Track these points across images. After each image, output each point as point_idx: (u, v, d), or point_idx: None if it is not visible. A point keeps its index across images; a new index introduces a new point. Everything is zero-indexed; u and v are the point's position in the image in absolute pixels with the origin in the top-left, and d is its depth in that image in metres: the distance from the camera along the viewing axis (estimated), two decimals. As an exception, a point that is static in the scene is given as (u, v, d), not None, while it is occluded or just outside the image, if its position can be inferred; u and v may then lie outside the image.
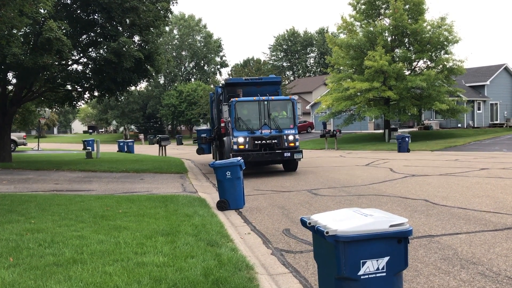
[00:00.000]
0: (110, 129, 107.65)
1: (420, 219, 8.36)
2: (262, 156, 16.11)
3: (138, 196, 11.30)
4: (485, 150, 25.32)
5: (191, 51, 79.80)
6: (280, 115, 16.81)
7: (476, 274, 5.39)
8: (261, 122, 16.34)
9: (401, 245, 3.61)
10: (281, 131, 16.31)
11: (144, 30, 19.27)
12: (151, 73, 22.00)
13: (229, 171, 10.02)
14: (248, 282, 4.99)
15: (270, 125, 16.30)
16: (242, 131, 16.16)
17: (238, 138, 16.06)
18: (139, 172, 17.73)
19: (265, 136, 16.14)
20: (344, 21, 37.29)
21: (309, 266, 5.92)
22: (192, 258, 5.75)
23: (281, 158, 16.32)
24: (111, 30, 18.63)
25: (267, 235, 7.74)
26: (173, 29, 78.38)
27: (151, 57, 20.11)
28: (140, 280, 4.93)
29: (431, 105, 33.92)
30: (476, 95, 46.48)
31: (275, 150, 16.20)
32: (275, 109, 16.65)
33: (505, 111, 49.68)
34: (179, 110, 67.88)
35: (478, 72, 49.33)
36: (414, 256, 6.10)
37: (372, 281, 3.56)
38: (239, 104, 16.35)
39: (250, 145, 16.03)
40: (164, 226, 7.54)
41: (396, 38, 35.90)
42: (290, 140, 16.35)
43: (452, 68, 34.33)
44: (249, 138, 16.07)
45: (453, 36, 34.13)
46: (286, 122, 16.67)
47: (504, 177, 13.46)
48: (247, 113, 16.54)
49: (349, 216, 3.84)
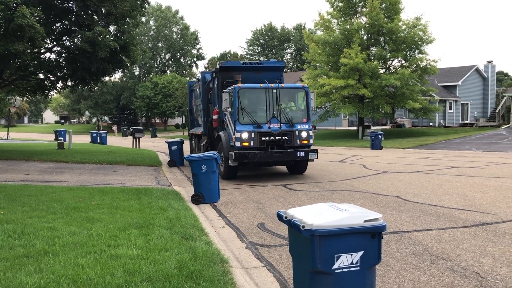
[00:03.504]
0: (83, 120, 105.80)
1: (392, 215, 8.52)
2: (271, 156, 13.14)
3: (112, 188, 11.15)
4: (455, 149, 25.92)
5: (167, 42, 78.92)
6: (291, 106, 14.30)
7: (445, 269, 5.53)
8: (269, 114, 13.46)
9: (375, 240, 3.69)
10: (292, 126, 13.51)
11: (120, 20, 18.95)
12: (126, 63, 21.65)
13: (204, 165, 9.99)
14: (222, 276, 5.00)
15: (280, 118, 13.43)
16: (246, 125, 13.20)
17: (242, 133, 13.02)
18: (112, 164, 17.50)
19: (274, 132, 13.27)
20: (322, 18, 37.49)
21: (283, 260, 5.97)
22: (166, 251, 5.72)
23: (294, 158, 13.44)
24: (86, 19, 18.25)
25: (242, 229, 7.76)
26: (149, 20, 77.30)
27: (127, 48, 19.79)
28: (114, 273, 4.88)
29: (404, 104, 34.51)
30: (448, 95, 47.47)
31: (285, 148, 13.39)
32: (285, 99, 14.00)
33: (475, 111, 50.94)
34: (154, 102, 67.16)
35: (450, 73, 50.38)
36: (386, 251, 6.21)
37: (346, 275, 3.62)
38: (243, 91, 13.42)
39: (256, 142, 13.12)
40: (138, 219, 7.48)
41: (372, 37, 36.31)
42: (303, 136, 13.58)
43: (426, 68, 34.96)
44: (255, 134, 13.12)
45: (427, 36, 34.72)
46: (299, 115, 13.98)
47: (473, 176, 13.81)
48: (253, 103, 13.72)
49: (325, 210, 3.89)
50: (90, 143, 34.37)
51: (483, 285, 5.01)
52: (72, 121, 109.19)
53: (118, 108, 76.72)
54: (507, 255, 5.99)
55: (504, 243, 6.55)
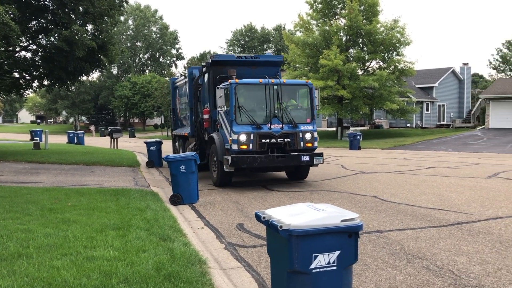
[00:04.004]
0: (60, 120, 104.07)
1: (370, 215, 8.61)
2: (273, 161, 11.79)
3: (88, 189, 11.01)
4: (432, 149, 26.34)
5: (146, 42, 78.22)
6: (294, 105, 12.97)
7: (421, 268, 5.61)
8: (269, 113, 12.13)
9: (352, 239, 3.72)
10: (295, 127, 12.15)
11: (98, 19, 18.72)
12: (104, 63, 21.38)
13: (183, 165, 9.93)
14: (200, 277, 4.98)
15: (281, 118, 12.07)
16: (244, 125, 11.83)
17: (240, 134, 11.63)
18: (90, 165, 17.26)
19: (275, 133, 11.90)
20: (301, 19, 37.68)
21: (261, 260, 5.98)
22: (144, 252, 5.67)
23: (298, 163, 12.11)
24: (63, 18, 17.98)
25: (220, 229, 7.74)
26: (128, 19, 76.52)
27: (105, 47, 19.55)
28: (90, 275, 4.82)
29: (382, 105, 34.93)
30: (425, 96, 48.22)
31: (288, 152, 12.05)
32: (287, 97, 12.68)
33: (452, 112, 51.86)
34: (132, 102, 66.45)
35: (427, 74, 51.18)
36: (363, 250, 6.28)
37: (323, 274, 3.64)
38: (240, 87, 12.04)
39: (256, 144, 11.74)
40: (115, 220, 7.39)
41: (350, 38, 36.64)
42: (307, 138, 12.18)
43: (403, 69, 35.43)
44: (254, 136, 11.73)
45: (405, 38, 35.20)
46: (302, 114, 12.68)
47: (449, 176, 14.06)
48: (251, 100, 12.46)
49: (303, 210, 3.91)
50: (67, 144, 33.85)
51: (457, 283, 5.10)
52: (48, 121, 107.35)
53: (95, 108, 75.72)
54: (480, 254, 6.11)
55: (478, 241, 6.69)
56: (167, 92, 51.09)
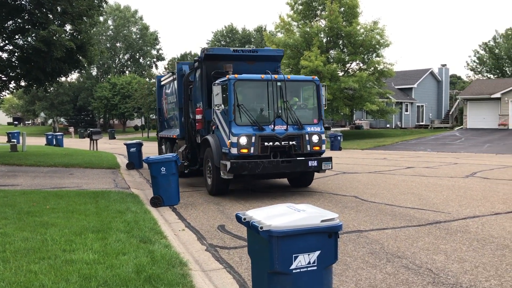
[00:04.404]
0: (38, 122, 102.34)
1: (350, 214, 8.69)
2: (277, 166, 10.53)
3: (67, 192, 10.85)
4: (411, 149, 26.70)
5: (126, 42, 77.54)
6: (299, 103, 11.86)
7: (401, 267, 5.68)
8: (272, 113, 10.96)
9: (332, 239, 3.74)
10: (301, 128, 10.99)
11: (76, 19, 18.46)
12: (83, 64, 21.12)
13: (164, 167, 9.87)
14: (181, 279, 4.95)
15: (286, 119, 10.86)
16: (244, 127, 10.58)
17: (240, 137, 10.39)
18: (69, 167, 17.02)
19: (279, 135, 10.70)
20: (282, 20, 37.83)
21: (243, 261, 5.98)
22: (124, 255, 5.62)
23: (304, 169, 10.91)
24: (40, 17, 17.69)
25: (201, 231, 7.71)
26: (107, 20, 75.74)
27: (84, 48, 19.30)
28: (68, 278, 4.75)
29: (362, 106, 35.31)
30: (404, 97, 48.85)
31: (293, 156, 10.86)
32: (292, 95, 11.50)
33: (430, 113, 52.65)
34: (112, 103, 65.78)
35: (406, 75, 51.88)
36: (343, 250, 6.33)
37: (303, 274, 3.66)
38: (240, 84, 10.82)
39: (257, 148, 10.51)
40: (94, 223, 7.31)
41: (331, 40, 36.92)
42: (314, 141, 11.02)
43: (383, 71, 35.87)
44: (255, 138, 10.49)
45: (384, 40, 35.64)
46: (308, 114, 11.58)
47: (427, 175, 14.27)
48: (252, 98, 11.29)
49: (283, 211, 3.92)
50: (45, 145, 33.32)
51: (435, 281, 5.18)
52: (26, 123, 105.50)
53: (75, 109, 74.74)
54: (458, 252, 6.21)
55: (455, 240, 6.80)
56: (148, 93, 50.73)
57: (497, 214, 8.56)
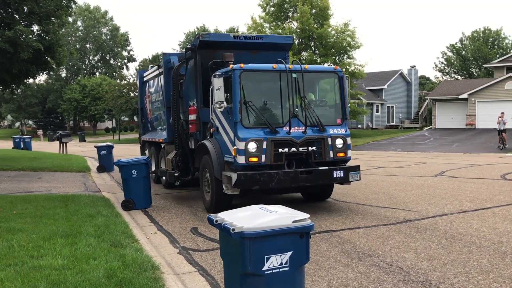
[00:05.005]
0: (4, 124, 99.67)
1: (323, 215, 8.76)
2: (296, 179, 8.55)
3: (36, 196, 10.59)
4: (382, 149, 27.14)
5: (96, 44, 76.34)
6: (318, 100, 9.96)
7: (372, 265, 5.76)
8: (286, 112, 9.01)
9: (303, 240, 3.77)
10: (323, 130, 9.00)
11: (44, 20, 18.06)
12: (52, 65, 20.68)
13: (135, 170, 9.74)
14: (153, 282, 4.90)
15: (304, 119, 8.92)
16: (252, 129, 8.65)
17: (249, 142, 8.41)
18: (37, 171, 16.64)
19: (295, 140, 8.71)
20: (254, 21, 37.94)
21: (216, 264, 5.95)
22: (94, 259, 5.52)
23: (329, 181, 8.97)
24: (6, 18, 17.24)
25: (174, 234, 7.65)
26: (77, 20, 74.43)
27: (52, 49, 18.90)
28: (36, 285, 4.64)
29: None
30: (375, 98, 49.65)
31: (313, 165, 8.88)
32: (309, 89, 9.53)
33: (400, 113, 53.66)
34: (82, 105, 64.65)
35: (377, 77, 52.75)
36: (316, 250, 6.38)
37: (275, 275, 3.67)
38: (247, 75, 8.88)
39: (270, 156, 8.51)
40: (64, 227, 7.15)
41: (303, 41, 37.24)
42: (338, 146, 9.01)
43: (354, 72, 36.38)
44: (267, 143, 8.50)
45: (355, 42, 36.18)
46: (329, 113, 9.69)
47: (398, 175, 14.52)
48: (261, 94, 9.36)
49: (255, 213, 3.92)
50: (12, 149, 32.48)
51: (406, 279, 5.27)
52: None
53: (43, 112, 73.13)
54: (427, 250, 6.34)
55: (425, 238, 6.94)
56: (119, 95, 50.08)
57: (465, 212, 8.78)
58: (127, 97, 49.18)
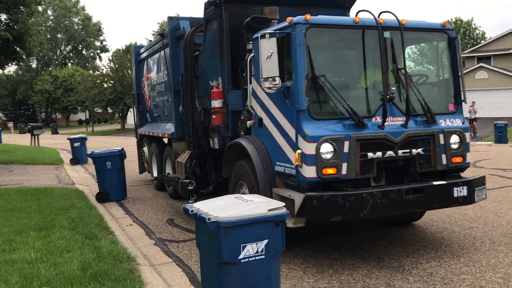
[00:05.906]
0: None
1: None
2: (399, 202, 5.23)
3: (7, 189, 10.36)
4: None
5: (67, 34, 74.68)
6: (421, 74, 6.59)
7: (347, 252, 5.85)
8: (376, 94, 5.77)
9: (279, 228, 3.80)
10: (432, 122, 5.80)
11: (12, 8, 17.57)
12: (21, 55, 20.20)
13: (109, 161, 9.61)
14: (129, 274, 4.87)
15: (405, 104, 5.67)
16: (325, 121, 5.39)
17: (322, 143, 5.16)
18: (8, 164, 16.26)
19: (393, 138, 5.49)
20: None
21: (192, 254, 5.95)
22: (68, 252, 5.44)
23: (447, 203, 5.72)
24: (-28, 6, 16.74)
25: (150, 225, 7.60)
26: (47, 10, 72.61)
27: (21, 38, 18.42)
28: (8, 279, 4.56)
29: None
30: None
31: (416, 177, 5.73)
32: (408, 57, 6.44)
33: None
34: (54, 97, 63.28)
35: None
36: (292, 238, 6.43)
37: (252, 264, 3.69)
38: (316, 34, 5.59)
39: (355, 164, 5.29)
40: (36, 221, 7.02)
41: None
42: (453, 147, 5.92)
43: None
44: (351, 144, 5.27)
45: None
46: (437, 94, 6.56)
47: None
48: (338, 65, 6.24)
49: (231, 202, 3.94)
50: (-18, 142, 31.68)
51: (380, 265, 5.38)
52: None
53: (14, 104, 71.40)
54: (401, 237, 6.47)
55: (399, 225, 7.07)
56: (91, 86, 49.18)
57: (437, 199, 8.96)
58: (100, 88, 48.36)
